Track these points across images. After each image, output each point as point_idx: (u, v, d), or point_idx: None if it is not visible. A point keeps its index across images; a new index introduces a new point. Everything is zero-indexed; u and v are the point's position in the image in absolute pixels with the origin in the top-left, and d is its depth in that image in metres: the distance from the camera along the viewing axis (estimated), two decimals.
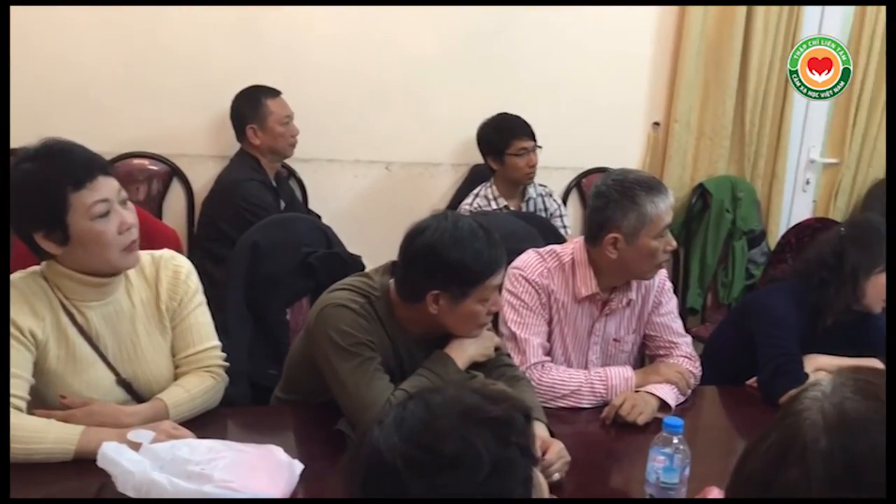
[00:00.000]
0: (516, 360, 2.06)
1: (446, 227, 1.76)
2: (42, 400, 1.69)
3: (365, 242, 2.76)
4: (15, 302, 1.66)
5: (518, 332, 2.11)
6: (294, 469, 1.58)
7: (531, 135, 3.25)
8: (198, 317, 1.87)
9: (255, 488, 1.47)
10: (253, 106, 3.07)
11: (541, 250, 2.20)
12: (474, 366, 1.91)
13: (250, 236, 2.32)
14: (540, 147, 3.27)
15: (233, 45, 3.21)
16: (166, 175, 3.27)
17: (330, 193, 3.46)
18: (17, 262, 1.78)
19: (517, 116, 3.29)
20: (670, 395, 2.09)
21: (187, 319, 1.86)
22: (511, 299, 2.13)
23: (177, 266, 1.87)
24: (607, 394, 2.08)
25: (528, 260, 2.18)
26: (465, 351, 1.86)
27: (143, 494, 1.40)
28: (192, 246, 3.23)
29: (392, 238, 1.85)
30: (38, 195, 1.61)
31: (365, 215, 3.47)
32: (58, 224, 1.61)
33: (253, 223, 2.53)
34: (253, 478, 1.49)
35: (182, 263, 1.89)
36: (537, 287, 2.14)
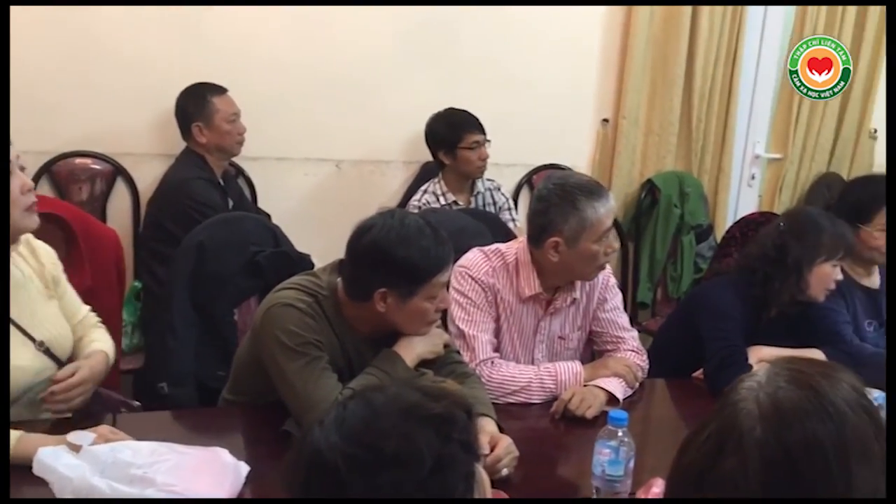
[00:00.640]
0: (465, 358, 2.06)
1: (393, 225, 1.75)
2: None
3: (316, 241, 2.74)
4: None
5: (466, 330, 2.11)
6: (240, 471, 1.56)
7: (482, 128, 3.27)
8: (67, 287, 1.98)
9: (199, 491, 1.44)
10: (198, 103, 3.02)
11: (486, 249, 2.21)
12: (424, 363, 1.90)
13: (195, 236, 2.28)
14: (489, 141, 3.29)
15: (177, 42, 3.15)
16: (110, 174, 3.20)
17: (279, 192, 3.42)
18: None
19: (465, 111, 3.29)
20: (618, 389, 2.11)
21: (66, 288, 1.96)
22: (458, 297, 2.13)
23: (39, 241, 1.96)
24: (556, 389, 2.10)
25: (474, 259, 2.18)
26: (414, 349, 1.86)
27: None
28: (138, 246, 3.17)
29: (343, 237, 1.84)
30: None
31: (316, 214, 3.45)
32: None
33: (200, 223, 2.49)
34: (197, 480, 1.46)
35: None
36: (484, 285, 2.15)
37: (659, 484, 1.49)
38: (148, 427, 1.76)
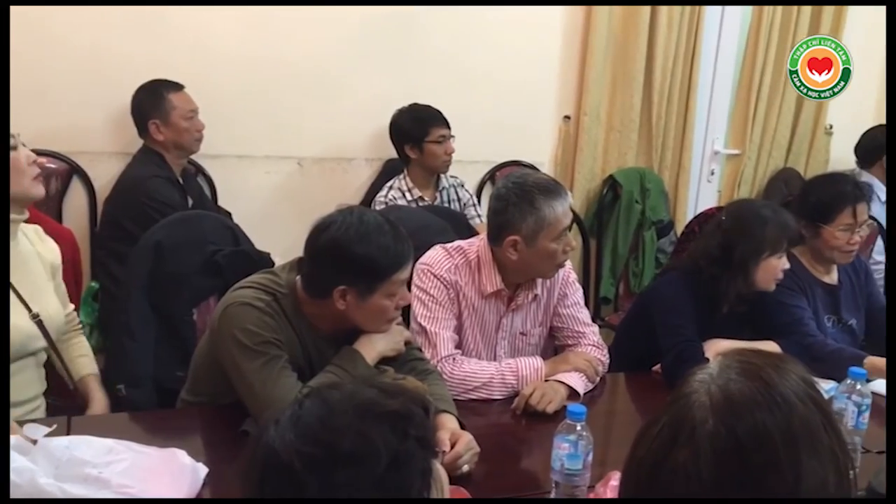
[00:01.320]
0: (427, 354, 2.07)
1: (352, 222, 1.75)
2: None
3: (278, 240, 2.71)
4: None
5: (428, 327, 2.11)
6: (198, 472, 1.54)
7: (447, 123, 3.27)
8: (62, 282, 2.10)
9: (156, 493, 1.42)
10: (155, 100, 2.97)
11: (447, 246, 2.21)
12: (385, 361, 1.90)
13: (152, 235, 2.25)
14: (453, 136, 3.29)
15: (133, 38, 3.10)
16: (65, 173, 3.14)
17: (240, 190, 3.38)
18: None
19: (430, 106, 3.30)
20: (579, 383, 2.13)
21: (60, 282, 2.08)
22: (420, 294, 2.13)
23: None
24: (518, 384, 2.11)
25: (436, 256, 2.19)
26: (375, 346, 1.85)
27: None
28: (95, 246, 3.11)
29: (306, 235, 1.82)
30: None
31: (277, 212, 3.41)
32: None
33: (159, 222, 2.45)
34: (153, 482, 1.45)
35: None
36: (445, 283, 2.15)
37: (617, 477, 1.50)
38: (105, 429, 1.72)
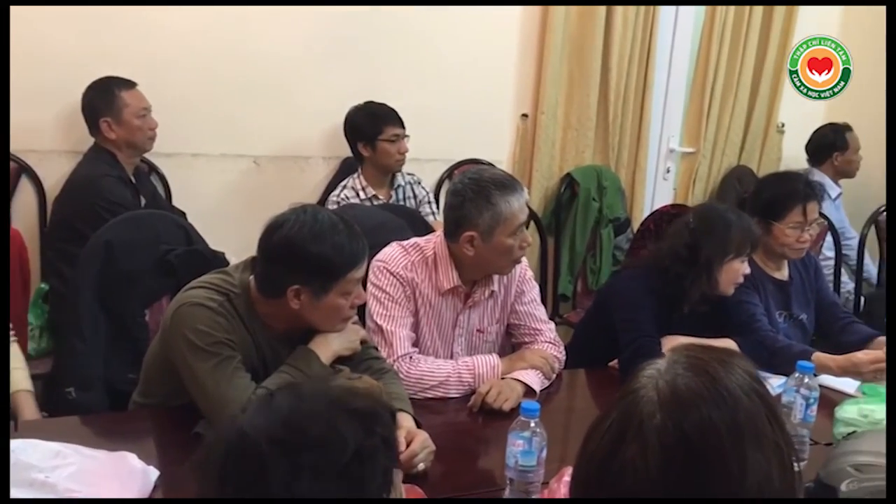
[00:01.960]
0: (384, 353, 2.06)
1: (305, 221, 1.73)
2: None
3: (233, 239, 2.67)
4: None
5: (384, 325, 2.11)
6: (148, 476, 1.52)
7: (401, 122, 3.26)
8: None
9: (105, 497, 1.40)
10: (106, 98, 2.91)
11: (404, 243, 2.21)
12: (341, 360, 1.89)
13: (102, 235, 2.21)
14: (408, 136, 3.28)
15: (84, 35, 3.03)
16: (14, 172, 3.05)
17: (195, 189, 3.33)
18: None
19: (385, 104, 3.28)
20: (535, 381, 2.14)
21: None
22: (376, 292, 2.13)
23: None
24: (475, 382, 2.11)
25: (392, 253, 2.18)
26: (330, 346, 1.84)
27: None
28: (45, 247, 3.04)
29: None
30: None
31: (233, 211, 3.37)
32: None
33: None
34: (102, 486, 1.42)
35: None
36: (402, 280, 2.15)
37: (570, 472, 1.51)
38: (53, 433, 1.68)
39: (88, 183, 2.86)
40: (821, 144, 4.06)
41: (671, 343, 2.30)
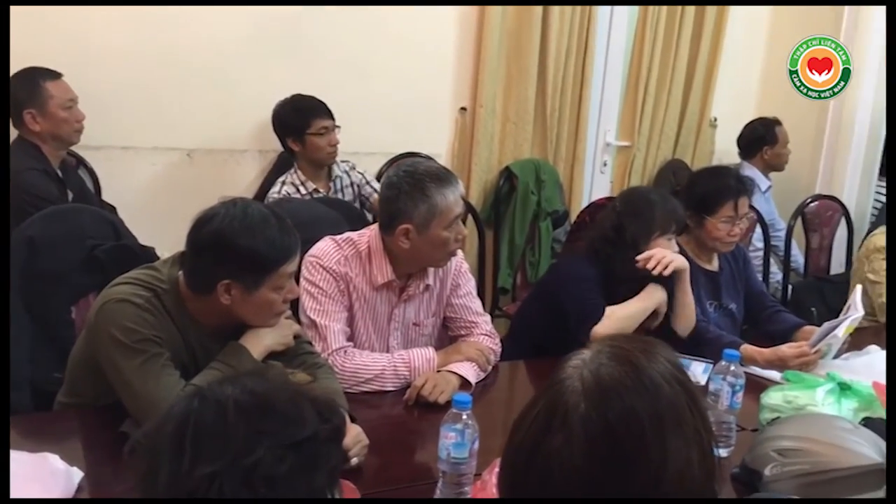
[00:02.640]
0: (318, 347, 2.04)
1: (235, 214, 1.70)
2: None
3: (166, 234, 2.59)
4: None
5: (318, 320, 2.09)
6: (71, 477, 1.48)
7: (330, 114, 3.23)
8: None
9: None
10: (30, 89, 2.81)
11: (337, 238, 2.19)
12: (274, 355, 1.87)
13: (24, 231, 2.14)
14: (339, 127, 3.25)
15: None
16: None
17: (125, 183, 3.25)
18: None
19: (312, 97, 3.25)
20: (471, 373, 2.15)
21: None
22: (309, 287, 2.11)
23: None
24: (410, 375, 2.11)
25: (325, 248, 2.16)
26: (262, 341, 1.82)
27: None
28: None
29: None
30: None
31: (166, 206, 3.29)
32: None
33: None
34: (22, 488, 1.38)
35: None
36: (335, 275, 2.13)
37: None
38: None
39: (12, 177, 2.76)
40: (751, 139, 4.17)
41: (651, 292, 2.39)
